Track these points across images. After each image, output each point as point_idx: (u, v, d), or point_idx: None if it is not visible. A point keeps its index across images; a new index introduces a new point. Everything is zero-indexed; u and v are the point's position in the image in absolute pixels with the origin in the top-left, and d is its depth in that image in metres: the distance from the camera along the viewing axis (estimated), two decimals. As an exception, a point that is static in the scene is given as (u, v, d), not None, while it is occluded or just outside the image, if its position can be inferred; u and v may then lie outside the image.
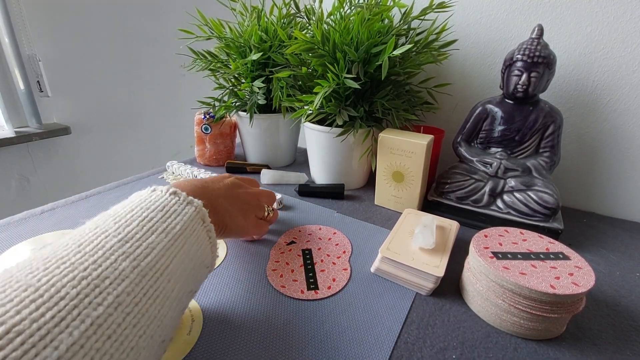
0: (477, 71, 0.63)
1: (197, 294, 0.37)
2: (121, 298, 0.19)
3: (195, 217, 0.28)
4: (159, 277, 0.22)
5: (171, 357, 0.30)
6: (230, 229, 0.36)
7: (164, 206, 0.27)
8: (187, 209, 0.28)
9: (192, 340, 0.31)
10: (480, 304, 0.35)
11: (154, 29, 1.39)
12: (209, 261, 0.30)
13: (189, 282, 0.27)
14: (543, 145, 0.52)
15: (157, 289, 0.22)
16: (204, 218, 0.29)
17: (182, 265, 0.25)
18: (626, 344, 0.33)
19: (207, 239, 0.30)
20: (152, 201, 0.27)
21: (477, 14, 0.60)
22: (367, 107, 0.55)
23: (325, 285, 0.39)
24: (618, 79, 0.53)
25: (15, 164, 1.11)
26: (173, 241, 0.25)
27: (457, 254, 0.45)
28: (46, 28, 1.09)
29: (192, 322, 0.33)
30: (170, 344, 0.30)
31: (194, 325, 0.33)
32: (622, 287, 0.41)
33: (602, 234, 0.53)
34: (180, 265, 0.25)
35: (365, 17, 0.49)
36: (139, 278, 0.21)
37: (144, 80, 1.42)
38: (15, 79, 1.06)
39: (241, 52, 0.65)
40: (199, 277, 0.29)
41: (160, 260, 0.23)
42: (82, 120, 1.24)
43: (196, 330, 0.32)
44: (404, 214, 0.49)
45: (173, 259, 0.24)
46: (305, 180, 0.67)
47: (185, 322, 0.33)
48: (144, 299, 0.21)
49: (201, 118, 0.70)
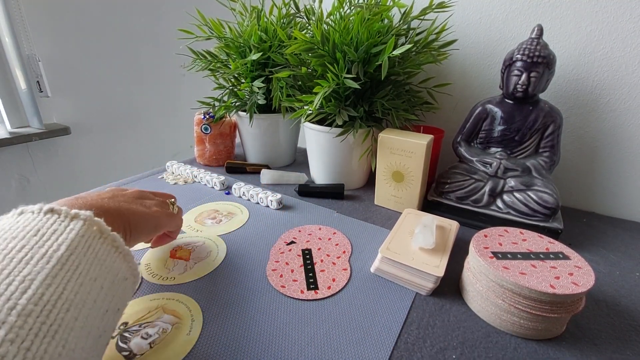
0: (477, 71, 0.63)
1: (199, 294, 0.37)
2: (3, 349, 0.16)
3: (87, 231, 0.25)
4: (51, 310, 0.19)
5: (172, 356, 0.30)
6: (137, 225, 0.33)
7: (39, 229, 0.23)
8: (72, 224, 0.24)
9: (192, 340, 0.31)
10: (480, 304, 0.35)
11: (154, 29, 1.39)
12: (127, 272, 0.27)
13: (105, 303, 0.24)
14: (543, 145, 0.52)
15: (52, 324, 0.19)
16: (101, 229, 0.26)
17: (82, 288, 0.22)
18: (626, 343, 0.33)
19: (113, 250, 0.26)
20: (20, 227, 0.22)
21: (477, 14, 0.60)
22: (367, 107, 0.55)
23: (325, 285, 0.39)
24: (618, 79, 0.53)
25: (15, 164, 1.10)
26: (60, 266, 0.21)
27: (457, 254, 0.45)
28: (46, 28, 1.09)
29: (192, 322, 0.33)
30: (170, 344, 0.31)
31: (194, 325, 0.33)
32: (622, 287, 0.41)
33: (602, 234, 0.53)
34: (80, 289, 0.22)
35: (365, 17, 0.49)
36: (21, 319, 0.18)
37: (144, 80, 1.42)
38: (16, 79, 1.06)
39: (241, 52, 0.65)
40: (119, 293, 0.26)
41: (47, 292, 0.20)
42: (82, 121, 1.24)
43: (196, 330, 0.33)
44: (403, 214, 0.49)
45: (66, 285, 0.21)
46: (305, 180, 0.67)
47: (185, 322, 0.33)
48: (37, 341, 0.18)
49: (201, 118, 0.70)
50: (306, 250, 0.46)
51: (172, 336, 0.32)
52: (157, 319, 0.34)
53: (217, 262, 0.43)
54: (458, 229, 0.47)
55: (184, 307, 0.35)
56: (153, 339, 0.31)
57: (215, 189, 0.64)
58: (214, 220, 0.53)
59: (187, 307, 0.35)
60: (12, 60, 1.04)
